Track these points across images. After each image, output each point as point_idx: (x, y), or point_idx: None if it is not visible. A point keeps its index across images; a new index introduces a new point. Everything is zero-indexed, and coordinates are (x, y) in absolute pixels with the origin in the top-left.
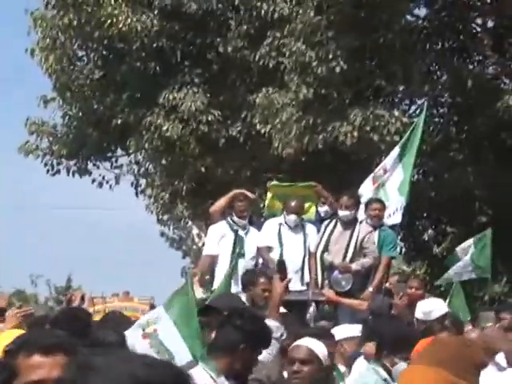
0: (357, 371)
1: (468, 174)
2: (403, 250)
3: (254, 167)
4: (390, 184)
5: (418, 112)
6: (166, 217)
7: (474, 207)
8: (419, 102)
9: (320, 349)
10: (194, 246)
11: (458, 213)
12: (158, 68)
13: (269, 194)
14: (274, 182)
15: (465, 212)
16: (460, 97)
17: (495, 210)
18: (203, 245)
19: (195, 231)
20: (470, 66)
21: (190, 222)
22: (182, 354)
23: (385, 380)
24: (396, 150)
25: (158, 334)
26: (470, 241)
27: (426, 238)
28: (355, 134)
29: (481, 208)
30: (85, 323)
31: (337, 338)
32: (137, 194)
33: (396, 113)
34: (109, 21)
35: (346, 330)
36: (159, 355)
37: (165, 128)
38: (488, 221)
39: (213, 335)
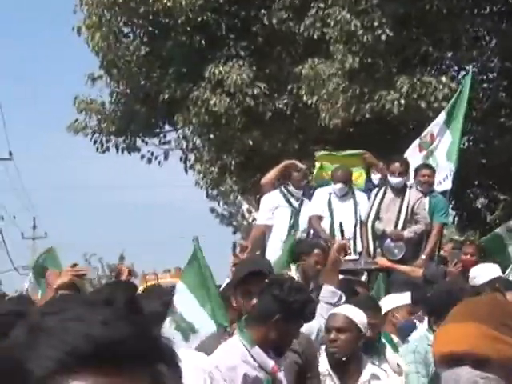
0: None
1: None
2: (455, 219)
3: (301, 139)
4: (439, 151)
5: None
6: (215, 192)
7: None
8: (467, 67)
9: (358, 317)
10: (245, 222)
11: (510, 179)
12: (203, 42)
13: (317, 164)
14: (322, 152)
15: None
16: (509, 61)
17: None
18: (253, 220)
19: (245, 206)
20: None
21: (239, 197)
22: (205, 325)
23: None
24: (442, 116)
25: (177, 308)
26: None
27: (479, 206)
28: (402, 101)
29: None
30: None
31: (388, 307)
32: (186, 170)
33: (443, 79)
34: None
35: (396, 299)
36: (180, 331)
37: (211, 102)
38: None
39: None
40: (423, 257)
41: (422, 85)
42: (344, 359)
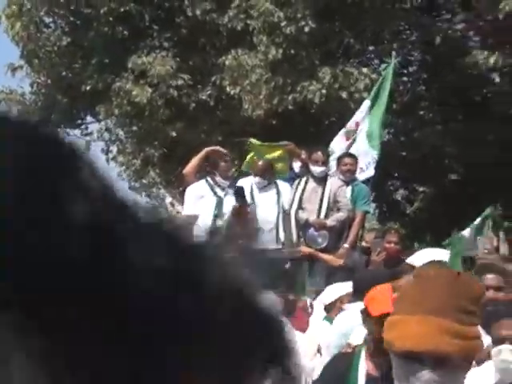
0: None
1: (438, 131)
2: (376, 211)
3: (225, 131)
4: (362, 138)
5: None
6: (137, 184)
7: (444, 165)
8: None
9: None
10: None
11: (429, 171)
12: (125, 33)
13: (251, 152)
14: (253, 140)
15: (435, 170)
16: (429, 54)
17: (465, 167)
18: (177, 213)
19: (168, 199)
20: (439, 24)
21: (162, 190)
22: None
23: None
24: (366, 103)
25: None
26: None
27: (398, 198)
28: (324, 92)
29: (451, 166)
30: None
31: (335, 295)
32: (108, 161)
33: (365, 70)
34: None
35: (342, 287)
36: None
37: (134, 93)
38: (458, 178)
39: None
40: (346, 245)
41: (344, 76)
42: None
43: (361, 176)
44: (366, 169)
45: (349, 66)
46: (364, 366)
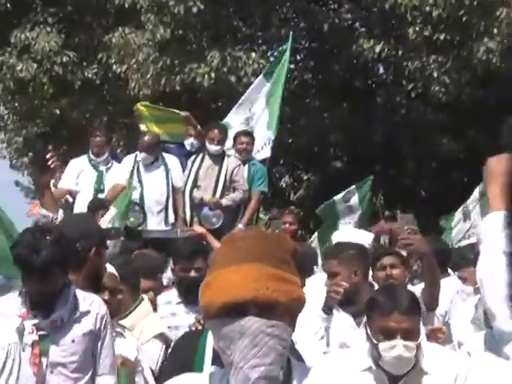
0: None
1: (324, 119)
2: None
3: (111, 111)
4: (259, 120)
5: (275, 54)
6: (19, 162)
7: (329, 154)
8: (278, 46)
9: None
10: None
11: (314, 160)
12: (9, 6)
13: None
14: (141, 104)
15: (320, 159)
16: (316, 42)
17: (349, 155)
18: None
19: (51, 181)
20: (326, 13)
21: None
22: None
23: None
24: (260, 81)
25: None
26: (352, 188)
27: (283, 185)
28: (212, 75)
29: (335, 153)
30: None
31: None
32: None
33: (253, 55)
34: None
35: None
36: None
37: (18, 68)
38: (342, 166)
39: None
40: (240, 226)
41: (233, 59)
42: None
43: (257, 156)
44: (262, 149)
45: (237, 51)
46: (211, 342)
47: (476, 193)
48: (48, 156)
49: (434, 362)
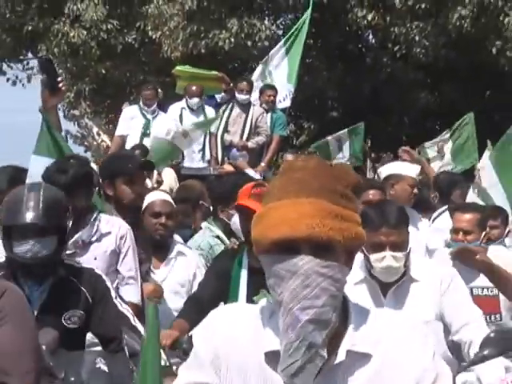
0: None
1: (322, 77)
2: None
3: (147, 71)
4: (278, 74)
5: (284, 22)
6: (70, 114)
7: (327, 105)
8: (286, 15)
9: None
10: (95, 143)
11: (314, 110)
12: None
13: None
14: (179, 67)
15: (319, 110)
16: (317, 12)
17: (344, 107)
18: (102, 141)
19: (95, 129)
20: None
21: (89, 122)
22: None
23: (217, 237)
24: (281, 44)
25: None
26: (344, 131)
27: (288, 132)
28: (232, 39)
29: (332, 106)
30: None
31: None
32: None
33: (266, 22)
34: None
35: None
36: None
37: (71, 35)
38: (338, 116)
39: None
40: (262, 164)
41: (249, 26)
42: None
43: (279, 105)
44: (283, 100)
45: (252, 19)
46: (246, 260)
47: (448, 140)
48: (59, 79)
49: (421, 271)
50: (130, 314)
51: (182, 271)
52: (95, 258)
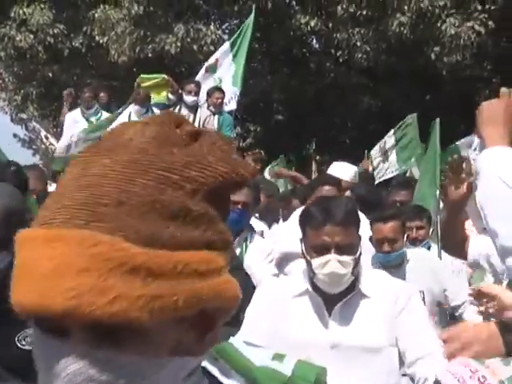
0: None
1: (267, 81)
2: None
3: (94, 75)
4: (224, 76)
5: (229, 28)
6: (18, 117)
7: (273, 108)
8: (231, 21)
9: None
10: (43, 146)
11: (260, 114)
12: None
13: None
14: (142, 76)
15: (265, 113)
16: (262, 17)
17: (289, 110)
18: (50, 144)
19: (43, 133)
20: None
21: (37, 125)
22: None
23: None
24: (226, 45)
25: None
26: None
27: (235, 135)
28: (179, 44)
29: (277, 108)
30: None
31: None
32: None
33: (212, 28)
34: None
35: None
36: None
37: (17, 39)
38: (283, 119)
39: None
40: None
41: (195, 31)
42: None
43: (226, 108)
44: (229, 102)
45: (198, 24)
46: None
47: (392, 140)
48: None
49: (373, 285)
50: None
51: None
52: None
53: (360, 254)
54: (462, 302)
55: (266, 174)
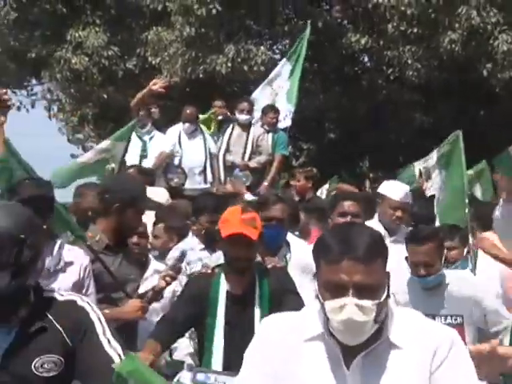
0: None
1: (319, 100)
2: None
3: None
4: (280, 94)
5: (280, 47)
6: (75, 138)
7: (325, 127)
8: (282, 41)
9: None
10: None
11: (312, 132)
12: (65, 10)
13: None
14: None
15: (317, 131)
16: (313, 36)
17: (341, 128)
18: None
19: None
20: (320, 12)
21: (93, 145)
22: None
23: None
24: (283, 62)
25: None
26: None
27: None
28: (229, 64)
29: (329, 127)
30: None
31: None
32: (50, 117)
33: (262, 48)
34: None
35: None
36: None
37: (73, 61)
38: (336, 137)
39: None
40: (265, 183)
41: (245, 52)
42: None
43: (280, 125)
44: (283, 120)
45: (249, 44)
46: (225, 286)
47: (434, 157)
48: (5, 97)
49: (407, 332)
50: (118, 355)
51: None
52: (59, 289)
53: (388, 295)
54: (504, 327)
55: (319, 193)
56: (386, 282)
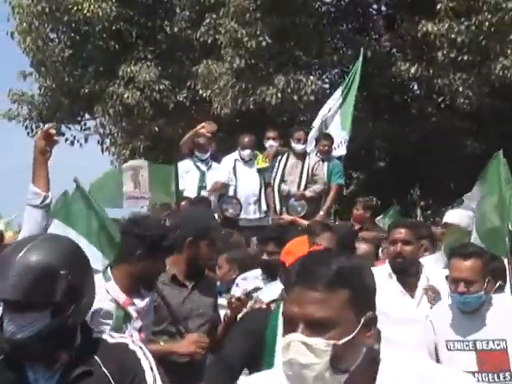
0: None
1: (369, 128)
2: None
3: None
4: (335, 122)
5: (329, 77)
6: None
7: (374, 155)
8: (331, 70)
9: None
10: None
11: (362, 161)
12: (117, 46)
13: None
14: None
15: (367, 160)
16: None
17: (391, 157)
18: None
19: None
20: (369, 42)
21: None
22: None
23: None
24: (338, 92)
25: None
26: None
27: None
28: (279, 95)
29: (379, 156)
30: None
31: None
32: (102, 151)
33: (311, 78)
34: (75, 7)
35: None
36: None
37: (125, 96)
38: (385, 165)
39: None
40: (321, 213)
41: (295, 82)
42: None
43: (335, 153)
44: (338, 147)
45: (298, 75)
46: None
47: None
48: (52, 131)
49: (392, 373)
50: None
51: None
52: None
53: (378, 340)
54: None
55: (378, 222)
56: (354, 319)
